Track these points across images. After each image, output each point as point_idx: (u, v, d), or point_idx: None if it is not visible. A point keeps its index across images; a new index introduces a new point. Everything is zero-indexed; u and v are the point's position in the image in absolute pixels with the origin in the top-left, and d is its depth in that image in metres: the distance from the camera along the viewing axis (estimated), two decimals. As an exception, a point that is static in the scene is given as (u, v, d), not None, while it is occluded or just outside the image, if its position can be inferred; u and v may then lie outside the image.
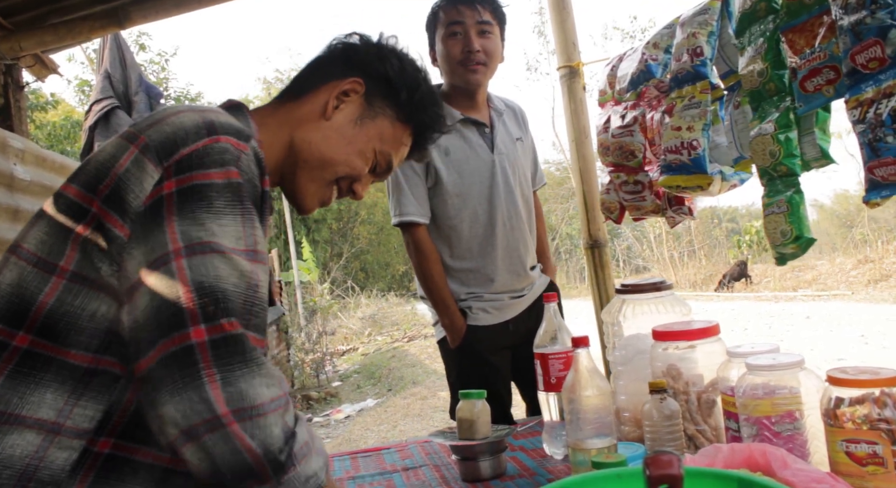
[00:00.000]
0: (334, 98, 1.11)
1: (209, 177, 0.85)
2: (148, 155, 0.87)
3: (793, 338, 7.36)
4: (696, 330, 1.35)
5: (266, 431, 0.77)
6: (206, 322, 0.77)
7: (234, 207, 0.85)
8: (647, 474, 0.54)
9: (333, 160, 1.10)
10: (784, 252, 1.60)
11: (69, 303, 0.86)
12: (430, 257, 2.00)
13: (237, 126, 0.93)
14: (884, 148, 1.25)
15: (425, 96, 1.18)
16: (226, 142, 0.88)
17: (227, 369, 0.77)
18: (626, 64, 2.19)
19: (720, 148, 1.88)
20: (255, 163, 0.91)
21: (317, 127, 1.11)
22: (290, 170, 1.11)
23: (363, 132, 1.12)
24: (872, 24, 1.23)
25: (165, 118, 0.92)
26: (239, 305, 0.81)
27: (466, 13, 1.97)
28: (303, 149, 1.10)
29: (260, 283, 0.85)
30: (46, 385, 0.84)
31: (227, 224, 0.84)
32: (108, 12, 2.55)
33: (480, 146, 2.04)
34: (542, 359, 1.49)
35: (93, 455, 0.85)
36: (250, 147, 0.91)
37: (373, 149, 1.13)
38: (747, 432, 1.12)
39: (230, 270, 0.81)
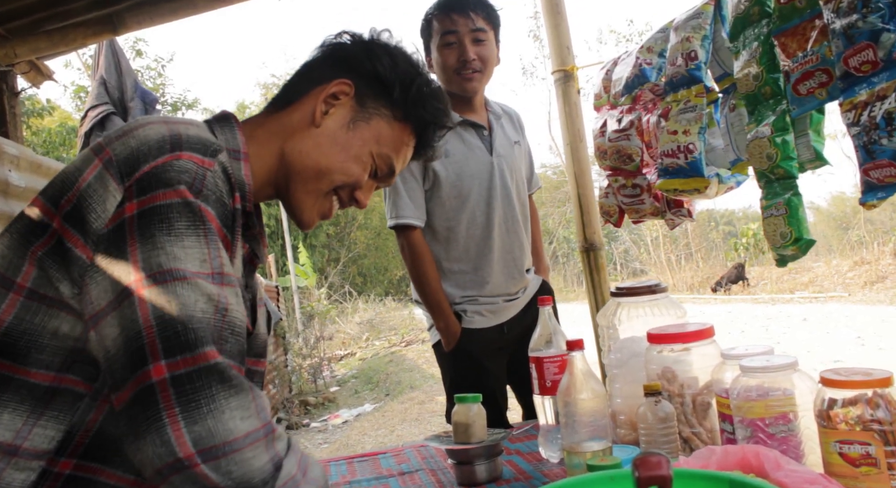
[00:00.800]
0: (322, 103, 1.05)
1: (169, 197, 0.80)
2: (111, 170, 0.83)
3: (789, 340, 7.37)
4: (691, 332, 1.35)
5: (244, 467, 0.73)
6: (166, 357, 0.74)
7: (198, 228, 0.81)
8: (636, 475, 0.54)
9: (328, 169, 1.03)
10: (784, 254, 1.61)
11: (28, 321, 0.82)
12: (425, 260, 2.00)
13: (205, 140, 0.89)
14: (878, 150, 1.26)
15: (422, 90, 1.10)
16: (188, 159, 0.84)
17: (192, 406, 0.73)
18: (621, 68, 2.19)
19: (716, 150, 1.89)
20: (222, 180, 0.87)
21: (308, 135, 1.04)
22: (285, 184, 1.05)
23: (357, 136, 1.05)
24: (864, 28, 1.24)
25: (133, 130, 0.87)
26: (210, 331, 0.77)
27: (460, 21, 1.97)
28: (294, 161, 1.03)
29: (229, 307, 0.81)
30: (3, 405, 0.81)
31: (191, 246, 0.80)
32: (102, 18, 2.55)
33: (479, 148, 2.05)
34: (536, 363, 1.49)
35: (53, 475, 0.81)
36: (217, 163, 0.87)
37: (369, 152, 1.06)
38: (742, 434, 1.13)
39: (196, 296, 0.77)
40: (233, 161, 0.95)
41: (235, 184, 0.90)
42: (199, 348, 0.75)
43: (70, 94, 15.17)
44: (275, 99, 1.11)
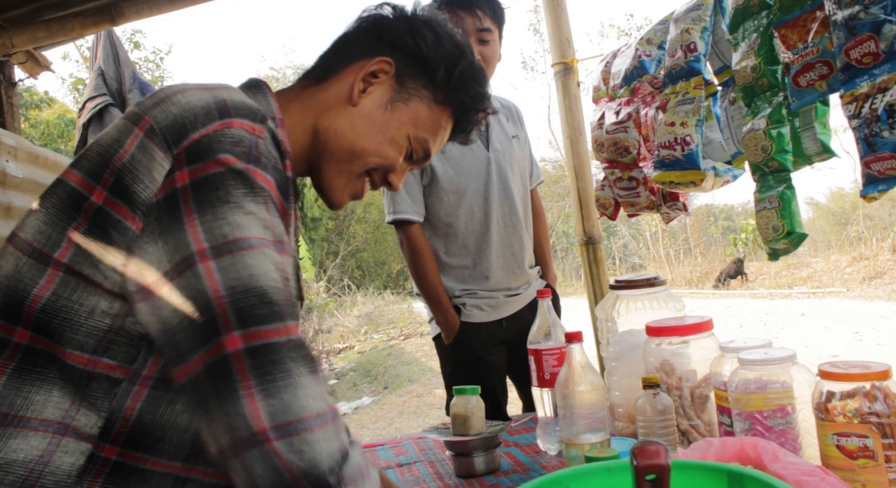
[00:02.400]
0: (360, 81, 0.99)
1: (226, 164, 0.77)
2: (154, 139, 0.79)
3: (788, 335, 7.39)
4: (690, 325, 1.35)
5: (315, 448, 0.70)
6: (241, 328, 0.71)
7: (257, 196, 0.78)
8: (634, 464, 0.54)
9: (363, 151, 0.99)
10: (776, 247, 1.60)
11: (66, 298, 0.78)
12: (424, 254, 2.00)
13: (252, 106, 0.84)
14: (880, 142, 1.25)
15: (465, 73, 1.04)
16: (240, 126, 0.80)
17: (268, 379, 0.70)
18: (620, 60, 2.19)
19: (714, 144, 1.88)
20: (274, 147, 0.84)
21: (343, 113, 0.99)
22: (317, 162, 1.00)
23: (395, 117, 1.00)
24: (866, 20, 1.23)
25: (171, 96, 0.83)
26: (285, 302, 0.75)
27: (467, 19, 1.96)
28: (328, 140, 0.99)
29: (290, 276, 0.79)
30: (52, 382, 0.78)
31: (252, 213, 0.77)
32: (100, 9, 2.53)
33: (476, 144, 2.05)
34: (535, 355, 1.49)
35: (100, 461, 0.78)
36: (266, 129, 0.83)
37: (406, 135, 1.01)
38: (740, 427, 1.13)
39: (266, 265, 0.75)
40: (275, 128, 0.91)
41: (285, 151, 0.87)
42: (278, 321, 0.73)
43: (68, 86, 15.12)
44: (309, 71, 1.05)
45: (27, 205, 2.61)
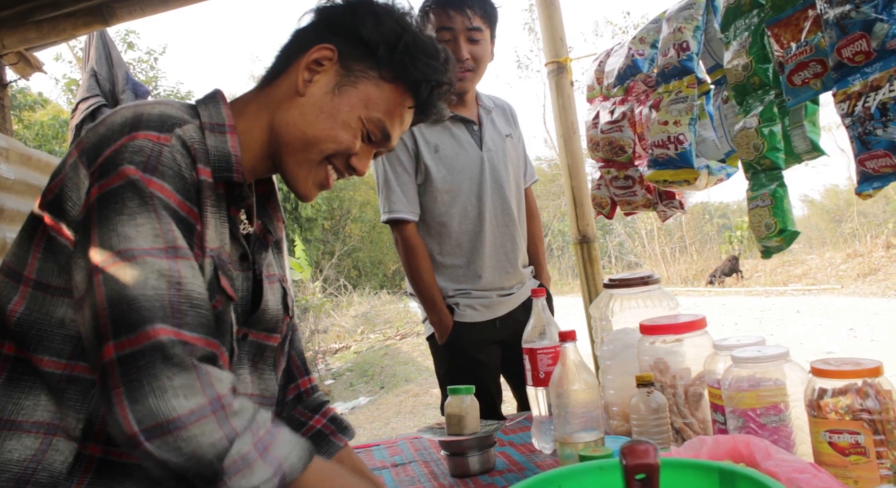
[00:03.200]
0: (305, 70, 1.01)
1: (122, 177, 0.82)
2: (82, 158, 0.87)
3: (783, 332, 7.41)
4: (683, 323, 1.35)
5: (193, 443, 0.74)
6: (114, 338, 0.76)
7: (148, 205, 0.82)
8: (624, 463, 0.54)
9: (315, 138, 1.01)
10: (769, 245, 1.61)
11: (37, 311, 0.86)
12: (419, 254, 2.00)
13: (165, 116, 0.89)
14: (874, 141, 1.26)
15: (409, 47, 1.04)
16: (143, 138, 0.85)
17: (134, 385, 0.74)
18: (614, 59, 2.19)
19: (707, 142, 1.89)
20: (181, 154, 0.87)
21: (293, 105, 1.01)
22: (278, 157, 1.03)
23: (344, 101, 1.01)
24: (857, 18, 1.23)
25: (106, 118, 0.90)
26: (161, 307, 0.78)
27: (457, 19, 1.95)
28: (282, 132, 1.01)
29: (184, 280, 0.81)
30: (40, 388, 0.85)
31: (143, 223, 0.81)
32: (92, 9, 2.52)
33: (469, 143, 2.04)
34: (530, 354, 1.49)
35: (86, 458, 0.85)
36: (174, 137, 0.87)
37: (358, 117, 1.02)
38: (733, 424, 1.13)
39: (145, 273, 0.78)
40: (216, 135, 0.95)
41: (199, 156, 0.90)
42: (142, 327, 0.76)
43: (62, 87, 15.07)
44: (266, 72, 1.08)
45: (19, 207, 2.60)
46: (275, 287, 1.11)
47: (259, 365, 1.08)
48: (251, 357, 1.06)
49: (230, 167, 0.95)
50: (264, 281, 1.06)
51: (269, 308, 1.07)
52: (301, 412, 1.25)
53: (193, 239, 0.88)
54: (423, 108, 1.10)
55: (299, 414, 1.25)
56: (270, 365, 1.10)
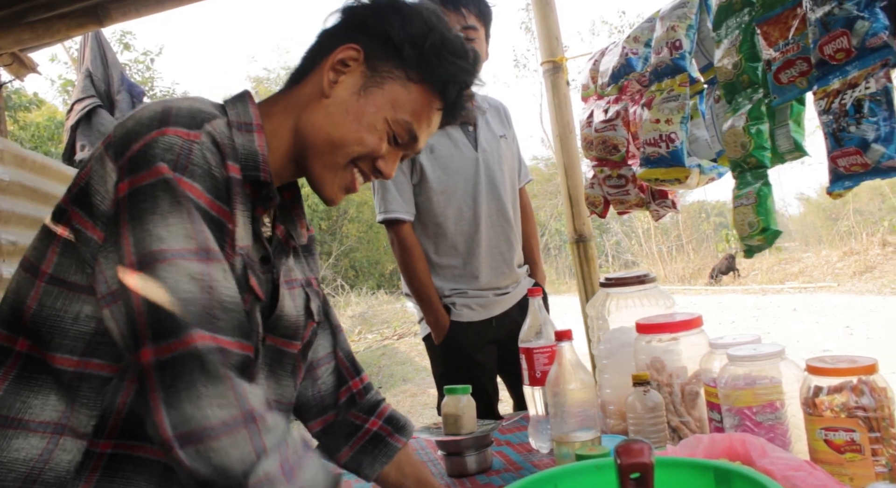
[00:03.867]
0: (330, 71, 0.99)
1: (153, 176, 0.81)
2: (109, 152, 0.85)
3: (779, 330, 7.42)
4: (679, 322, 1.36)
5: (222, 455, 0.73)
6: (153, 342, 0.76)
7: (181, 205, 0.81)
8: (618, 463, 0.54)
9: (341, 140, 0.98)
10: (751, 244, 1.61)
11: (49, 306, 0.85)
12: (415, 254, 2.00)
13: (195, 111, 0.88)
14: (846, 137, 1.26)
15: (437, 47, 1.01)
16: (173, 134, 0.84)
17: (171, 390, 0.74)
18: (608, 58, 2.19)
19: (699, 141, 1.89)
20: (211, 151, 0.86)
21: (319, 107, 0.99)
22: (303, 160, 1.01)
23: (370, 102, 0.99)
24: (840, 15, 1.24)
25: (135, 112, 0.89)
26: (195, 312, 0.77)
27: (451, 18, 1.96)
28: (308, 135, 0.99)
29: (215, 283, 0.81)
30: (49, 387, 0.85)
31: (174, 223, 0.80)
32: (87, 10, 2.51)
33: (464, 144, 2.05)
34: (526, 354, 1.49)
35: (96, 456, 0.84)
36: (205, 133, 0.86)
37: (384, 119, 0.99)
38: (730, 422, 1.13)
39: (178, 277, 0.78)
40: (243, 133, 0.94)
41: (228, 153, 0.89)
42: (181, 333, 0.76)
43: (58, 87, 15.03)
44: (292, 73, 1.07)
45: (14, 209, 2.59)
46: (295, 292, 1.09)
47: (277, 370, 1.07)
48: (269, 361, 1.05)
49: (257, 166, 0.94)
50: (282, 286, 1.04)
51: (287, 314, 1.05)
52: (356, 415, 1.23)
53: (225, 238, 0.87)
54: (451, 109, 1.07)
55: (354, 418, 1.23)
56: (289, 371, 1.09)
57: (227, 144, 0.89)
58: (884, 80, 1.22)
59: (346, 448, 1.22)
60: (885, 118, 1.23)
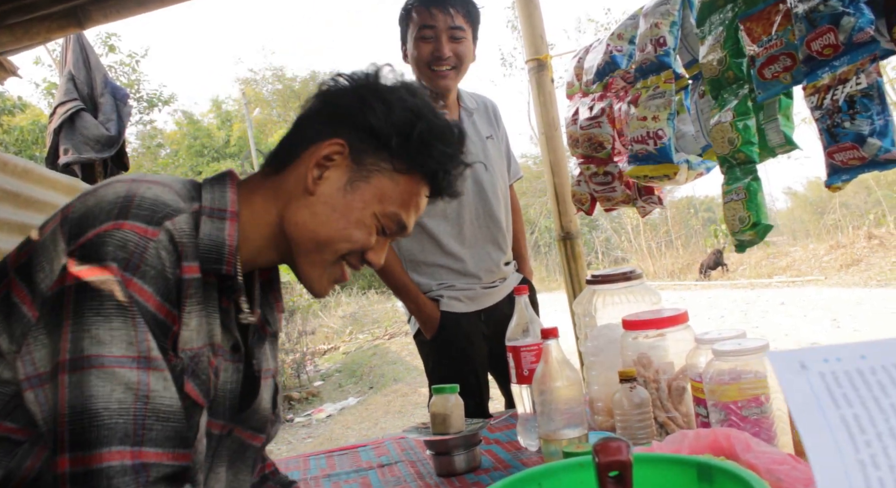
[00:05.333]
0: (314, 167, 0.96)
1: (103, 274, 0.78)
2: (63, 228, 0.82)
3: (768, 324, 7.47)
4: (665, 318, 1.36)
5: None
6: (70, 451, 0.75)
7: (126, 310, 0.78)
8: (597, 461, 0.54)
9: (329, 239, 0.95)
10: (742, 239, 1.62)
11: None
12: None
13: (158, 204, 0.84)
14: (842, 133, 1.27)
15: (424, 136, 0.97)
16: (130, 229, 0.80)
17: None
18: (592, 56, 2.20)
19: (686, 137, 1.90)
20: (167, 250, 0.83)
21: (303, 204, 0.96)
22: (289, 256, 0.99)
23: (357, 198, 0.96)
24: (825, 12, 1.25)
25: (100, 187, 0.86)
26: (121, 425, 0.76)
27: (439, 17, 1.96)
28: (293, 233, 0.96)
29: (153, 393, 0.79)
30: None
31: (118, 328, 0.78)
32: (67, 12, 2.48)
33: None
34: (514, 352, 1.49)
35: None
36: (163, 231, 0.83)
37: (372, 214, 0.97)
38: (716, 417, 1.14)
39: (111, 386, 0.76)
40: (214, 220, 0.91)
41: (186, 253, 0.85)
42: (97, 448, 0.75)
43: (42, 91, 14.90)
44: (271, 157, 1.03)
45: (-6, 214, 2.54)
46: (268, 382, 1.06)
47: (237, 463, 1.03)
48: (230, 454, 1.01)
49: (221, 258, 0.90)
50: (263, 381, 1.01)
51: (262, 407, 1.03)
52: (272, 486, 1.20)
53: (167, 341, 0.84)
54: (439, 192, 1.05)
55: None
56: (249, 465, 1.05)
57: (188, 243, 0.86)
58: (874, 74, 1.23)
59: None
60: (878, 112, 1.24)
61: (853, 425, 0.35)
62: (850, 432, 0.35)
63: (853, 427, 0.35)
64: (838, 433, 0.35)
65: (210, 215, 0.91)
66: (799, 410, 0.37)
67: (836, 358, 0.38)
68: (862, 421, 0.35)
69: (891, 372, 0.37)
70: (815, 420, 0.35)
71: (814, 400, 0.36)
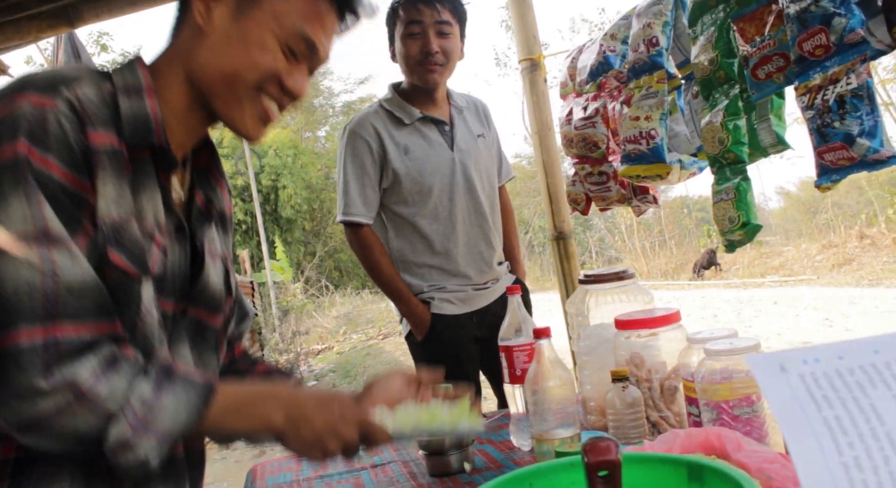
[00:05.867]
0: (198, 3, 0.92)
1: (11, 151, 0.77)
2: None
3: (761, 323, 7.50)
4: (658, 318, 1.36)
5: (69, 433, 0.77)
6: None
7: (18, 185, 0.77)
8: (586, 461, 0.54)
9: (235, 71, 0.92)
10: (732, 239, 1.63)
11: None
12: (376, 250, 2.02)
13: (54, 76, 0.83)
14: (832, 133, 1.28)
15: None
16: (26, 102, 0.79)
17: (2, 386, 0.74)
18: (586, 56, 2.20)
19: (679, 137, 1.90)
20: (68, 118, 0.80)
21: (201, 46, 0.93)
22: (207, 105, 0.95)
23: (251, 22, 0.92)
24: (817, 12, 1.25)
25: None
26: (29, 304, 0.75)
27: (426, 12, 1.96)
28: (200, 78, 0.93)
29: (60, 268, 0.77)
30: None
31: (13, 206, 0.77)
32: (57, 11, 2.47)
33: (440, 144, 2.05)
34: (506, 352, 1.49)
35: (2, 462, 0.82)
36: (61, 99, 0.80)
37: (272, 35, 0.92)
38: (707, 417, 1.14)
39: (14, 268, 0.75)
40: (132, 98, 0.89)
41: (93, 120, 0.83)
42: (5, 329, 0.75)
43: (33, 90, 14.79)
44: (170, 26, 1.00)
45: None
46: (217, 264, 1.04)
47: (199, 344, 1.01)
48: (191, 335, 1.00)
49: (149, 130, 0.88)
50: (206, 255, 0.99)
51: (212, 284, 1.01)
52: (241, 365, 1.18)
53: (83, 213, 0.82)
54: (345, 3, 0.98)
55: (240, 366, 1.18)
56: (212, 347, 1.04)
57: (93, 110, 0.83)
58: (864, 75, 1.24)
59: None
60: (867, 112, 1.24)
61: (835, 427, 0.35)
62: (832, 434, 0.35)
63: (835, 429, 0.35)
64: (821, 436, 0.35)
65: (126, 92, 0.89)
66: (781, 413, 0.37)
67: (815, 359, 0.38)
68: (844, 423, 0.35)
69: (868, 372, 0.37)
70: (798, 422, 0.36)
71: (795, 402, 0.36)
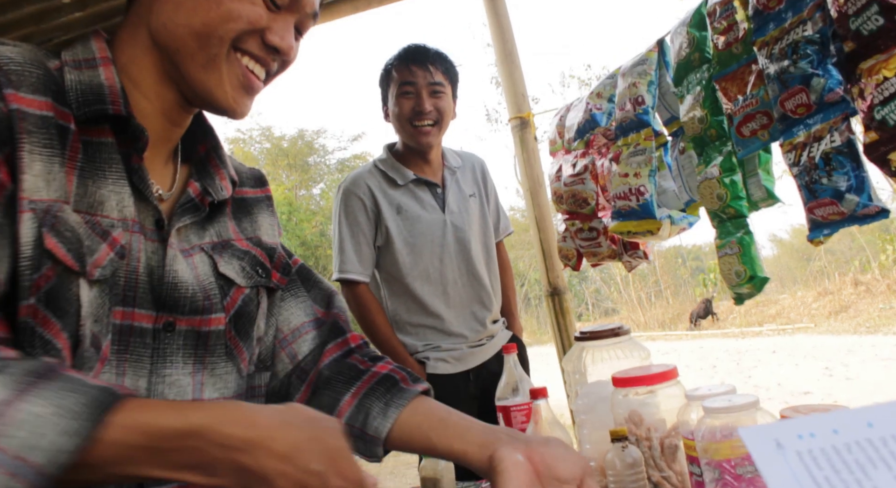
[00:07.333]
0: None
1: None
2: None
3: (760, 373, 7.43)
4: (655, 375, 1.35)
5: None
6: None
7: None
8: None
9: (207, 25, 0.79)
10: (740, 292, 1.63)
11: None
12: (373, 308, 2.02)
13: None
14: (820, 189, 1.30)
15: None
16: None
17: None
18: (573, 114, 2.25)
19: (668, 193, 1.93)
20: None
21: (163, 3, 0.80)
22: (177, 72, 0.82)
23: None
24: (796, 73, 1.29)
25: None
26: None
27: (419, 73, 2.02)
28: (167, 39, 0.80)
29: None
30: None
31: None
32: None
33: (432, 206, 2.07)
34: (504, 412, 1.47)
35: None
36: None
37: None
38: (709, 476, 1.11)
39: None
40: (83, 70, 0.79)
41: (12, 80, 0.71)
42: None
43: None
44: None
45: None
46: (195, 259, 0.87)
47: (205, 357, 0.86)
48: (194, 351, 0.85)
49: (103, 98, 0.77)
50: (173, 252, 0.84)
51: (182, 285, 0.83)
52: (360, 359, 0.99)
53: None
54: None
55: (357, 362, 0.98)
56: (222, 354, 0.87)
57: (14, 70, 0.72)
58: (847, 132, 1.27)
59: (349, 395, 0.94)
60: (853, 168, 1.27)
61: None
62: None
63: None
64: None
65: (76, 67, 0.79)
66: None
67: (810, 433, 0.38)
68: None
69: (865, 449, 0.36)
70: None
71: (796, 484, 0.35)
